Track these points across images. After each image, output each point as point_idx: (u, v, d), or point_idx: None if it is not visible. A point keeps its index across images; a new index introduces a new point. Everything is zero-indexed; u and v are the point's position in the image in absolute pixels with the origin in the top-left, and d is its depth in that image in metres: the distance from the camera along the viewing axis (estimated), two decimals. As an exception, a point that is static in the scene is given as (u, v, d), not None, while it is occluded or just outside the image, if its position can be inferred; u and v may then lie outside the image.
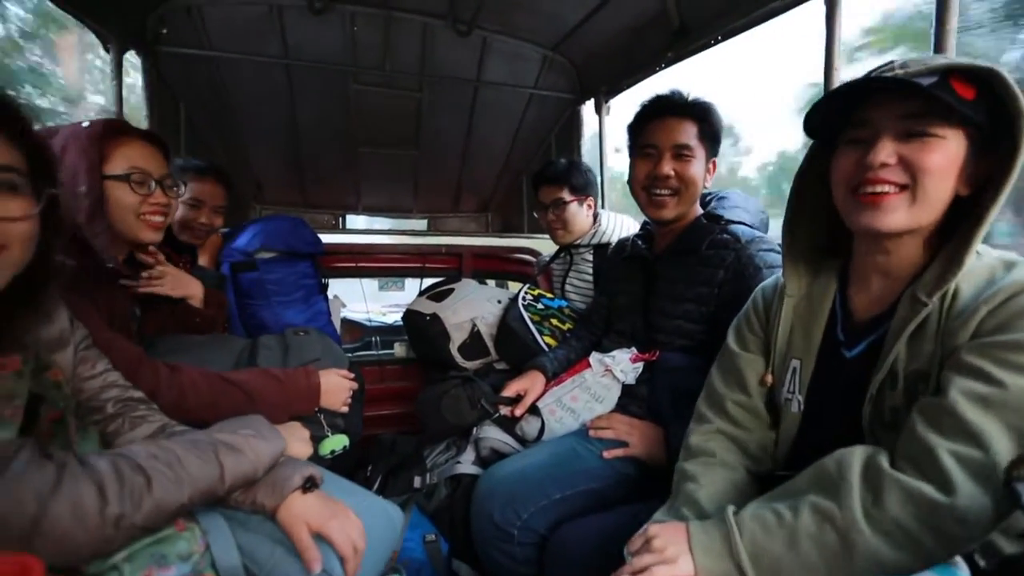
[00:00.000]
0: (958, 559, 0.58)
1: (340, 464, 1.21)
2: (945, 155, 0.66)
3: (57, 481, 0.55)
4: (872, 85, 0.69)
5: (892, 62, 0.69)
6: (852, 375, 0.76)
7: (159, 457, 0.66)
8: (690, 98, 1.24)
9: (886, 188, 0.68)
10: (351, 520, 0.80)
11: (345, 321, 2.78)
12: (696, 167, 1.23)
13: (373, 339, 3.16)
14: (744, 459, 0.88)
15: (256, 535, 0.75)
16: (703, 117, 1.23)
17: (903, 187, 0.68)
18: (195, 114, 2.18)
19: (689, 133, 1.22)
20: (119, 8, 1.68)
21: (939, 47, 0.95)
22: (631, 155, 1.32)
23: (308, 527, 0.76)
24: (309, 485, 0.81)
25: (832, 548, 0.62)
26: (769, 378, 0.87)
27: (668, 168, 1.22)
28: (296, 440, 0.99)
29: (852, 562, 0.60)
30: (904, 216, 0.69)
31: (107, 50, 1.68)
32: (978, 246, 0.69)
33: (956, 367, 0.63)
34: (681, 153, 1.22)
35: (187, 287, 1.29)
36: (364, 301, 2.75)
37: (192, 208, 1.60)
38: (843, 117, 0.74)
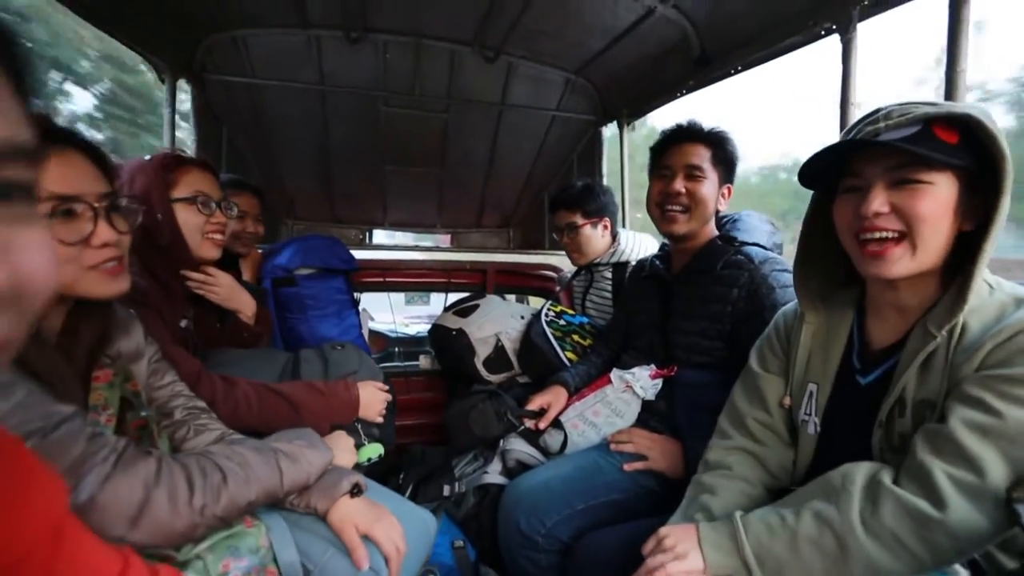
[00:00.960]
0: (956, 567, 0.63)
1: (374, 471, 1.29)
2: (935, 200, 0.70)
3: (158, 472, 0.64)
4: (854, 148, 0.74)
5: (879, 111, 0.73)
6: (866, 401, 0.79)
7: (232, 459, 0.75)
8: (707, 127, 1.31)
9: (885, 235, 0.72)
10: (394, 523, 0.88)
11: (371, 332, 2.87)
12: (707, 187, 1.29)
13: (396, 350, 3.25)
14: (763, 475, 0.92)
15: (310, 535, 0.83)
16: (717, 143, 1.30)
17: (902, 235, 0.72)
18: (235, 135, 2.31)
19: (702, 156, 1.29)
20: (173, 42, 1.82)
21: (949, 89, 1.00)
22: (650, 176, 1.40)
23: (356, 528, 0.84)
24: (356, 490, 0.89)
25: (830, 551, 0.67)
26: (788, 400, 0.91)
27: (680, 186, 1.29)
28: (342, 450, 1.07)
29: (848, 566, 0.66)
30: (907, 264, 0.72)
31: (162, 80, 1.82)
32: (989, 280, 0.72)
33: (959, 397, 0.67)
34: (693, 173, 1.29)
35: (241, 302, 1.39)
36: (392, 313, 2.84)
37: (239, 220, 1.71)
38: (839, 166, 0.78)
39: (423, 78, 2.26)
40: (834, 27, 1.26)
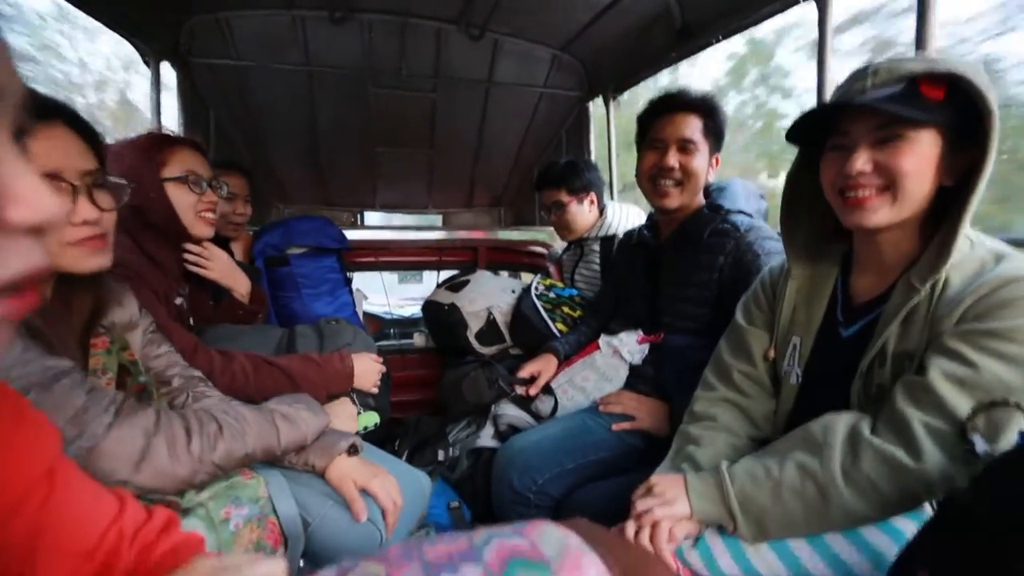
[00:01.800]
0: (924, 504, 0.67)
1: (370, 440, 1.33)
2: (918, 156, 0.71)
3: (157, 422, 0.68)
4: (840, 109, 0.75)
5: (867, 67, 0.75)
6: (847, 353, 0.82)
7: (228, 412, 0.79)
8: (697, 94, 1.29)
9: (867, 192, 0.75)
10: (390, 479, 0.92)
11: (365, 314, 2.90)
12: (699, 160, 1.29)
13: (391, 331, 3.29)
14: (746, 426, 0.95)
15: (309, 490, 0.87)
16: (708, 114, 1.28)
17: (884, 188, 0.74)
18: (222, 119, 2.31)
19: (694, 128, 1.28)
20: (156, 24, 1.81)
21: (920, 39, 1.02)
22: (639, 147, 1.38)
23: (355, 483, 0.88)
24: (353, 450, 0.93)
25: (811, 500, 0.70)
26: (772, 352, 0.94)
27: (673, 160, 1.28)
28: (344, 417, 1.10)
29: (827, 512, 0.69)
30: (887, 213, 0.75)
31: (147, 64, 1.81)
32: (969, 234, 0.74)
33: (939, 349, 0.69)
34: (686, 147, 1.28)
35: (236, 280, 1.41)
36: (385, 294, 2.87)
37: (228, 201, 1.71)
38: (825, 125, 0.79)
39: (409, 57, 2.25)
40: None
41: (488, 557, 0.44)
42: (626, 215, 1.89)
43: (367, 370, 1.33)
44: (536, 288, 1.83)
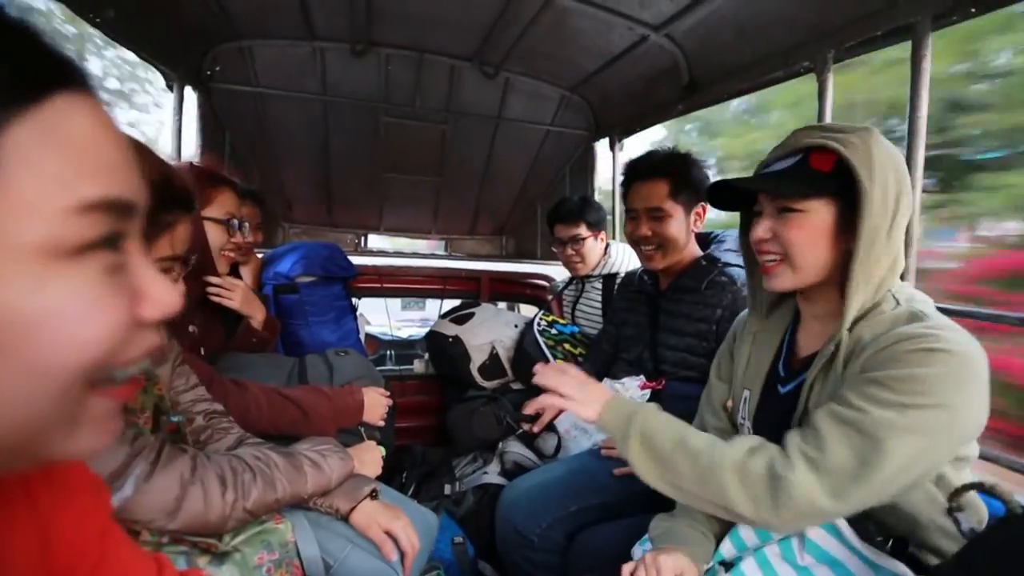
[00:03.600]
0: (903, 568, 0.72)
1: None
2: (807, 228, 0.77)
3: (193, 469, 0.71)
4: (724, 185, 0.84)
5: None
6: (784, 409, 0.86)
7: (261, 460, 0.82)
8: (664, 156, 1.36)
9: (771, 258, 0.82)
10: (408, 522, 0.96)
11: (366, 335, 2.92)
12: (672, 225, 1.34)
13: (390, 352, 3.31)
14: None
15: (331, 533, 0.90)
16: (675, 173, 1.33)
17: (783, 256, 0.80)
18: (238, 141, 2.35)
19: (661, 194, 1.33)
20: (182, 51, 1.86)
21: (912, 130, 1.11)
22: (625, 213, 1.46)
23: (379, 526, 0.91)
24: (374, 494, 0.97)
25: (698, 468, 0.76)
26: (729, 403, 0.99)
27: (646, 230, 1.36)
28: (370, 461, 1.13)
29: (706, 486, 0.75)
30: (790, 279, 0.81)
31: (171, 88, 1.86)
32: (898, 294, 0.77)
33: (834, 396, 0.74)
34: (655, 215, 1.34)
35: (254, 308, 1.44)
36: (387, 316, 2.90)
37: None
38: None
39: (423, 91, 2.32)
40: (811, 67, 1.36)
41: None
42: (628, 255, 1.96)
43: (375, 404, 1.36)
44: (538, 324, 1.88)
